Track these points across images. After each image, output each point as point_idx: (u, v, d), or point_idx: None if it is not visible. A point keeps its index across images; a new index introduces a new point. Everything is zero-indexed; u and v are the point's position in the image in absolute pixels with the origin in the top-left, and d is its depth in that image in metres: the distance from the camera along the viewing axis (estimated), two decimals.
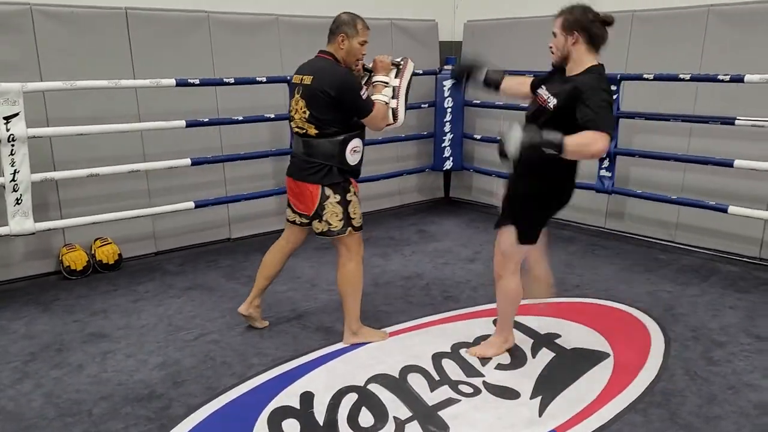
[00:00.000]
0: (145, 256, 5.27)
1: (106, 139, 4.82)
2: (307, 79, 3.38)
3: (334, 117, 3.35)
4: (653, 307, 4.14)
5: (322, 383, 3.23)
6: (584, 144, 2.76)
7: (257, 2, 5.60)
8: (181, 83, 4.84)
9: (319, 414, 2.97)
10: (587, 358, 3.46)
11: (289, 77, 4.26)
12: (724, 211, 4.75)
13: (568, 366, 3.39)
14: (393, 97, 3.50)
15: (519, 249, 3.25)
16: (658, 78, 5.00)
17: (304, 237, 3.78)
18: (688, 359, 3.46)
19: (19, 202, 4.30)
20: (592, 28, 2.95)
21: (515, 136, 2.76)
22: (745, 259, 5.05)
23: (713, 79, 4.69)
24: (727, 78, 4.58)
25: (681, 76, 4.86)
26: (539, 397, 3.08)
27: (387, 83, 3.50)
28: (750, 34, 4.84)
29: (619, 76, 5.21)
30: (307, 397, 3.10)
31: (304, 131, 3.42)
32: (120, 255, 4.98)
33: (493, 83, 3.48)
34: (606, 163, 5.40)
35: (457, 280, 4.66)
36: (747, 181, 4.93)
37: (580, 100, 2.83)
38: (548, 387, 3.17)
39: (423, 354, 3.51)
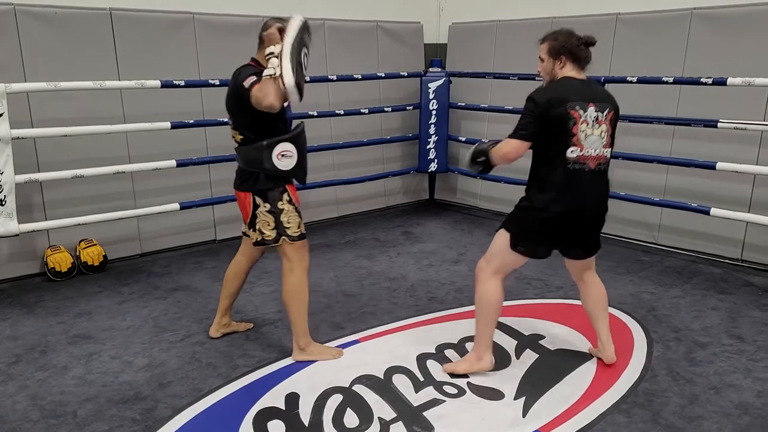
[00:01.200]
0: (131, 257, 5.25)
1: (91, 140, 4.81)
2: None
3: (249, 120, 3.20)
4: (636, 309, 4.18)
5: (307, 384, 3.24)
6: (497, 149, 3.07)
7: (242, 3, 5.60)
8: (166, 85, 4.83)
9: (305, 415, 2.97)
10: (571, 359, 3.49)
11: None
12: (707, 213, 4.80)
13: (552, 367, 3.42)
14: (279, 65, 3.06)
15: (506, 253, 3.17)
16: (641, 80, 5.05)
17: (261, 250, 3.63)
18: (671, 360, 3.49)
19: (3, 203, 4.27)
20: (577, 51, 3.06)
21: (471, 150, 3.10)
22: (726, 261, 5.11)
23: (696, 82, 4.74)
24: (710, 81, 4.63)
25: (664, 78, 4.91)
26: (523, 398, 3.10)
27: (272, 53, 3.09)
28: (732, 38, 4.90)
29: (602, 78, 5.25)
30: (292, 398, 3.11)
31: (234, 139, 3.33)
32: (105, 256, 4.96)
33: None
34: None
35: (442, 282, 4.68)
36: (729, 183, 4.99)
37: None
38: (532, 388, 3.19)
39: (408, 355, 3.53)
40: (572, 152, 2.96)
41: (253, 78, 3.09)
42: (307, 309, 3.47)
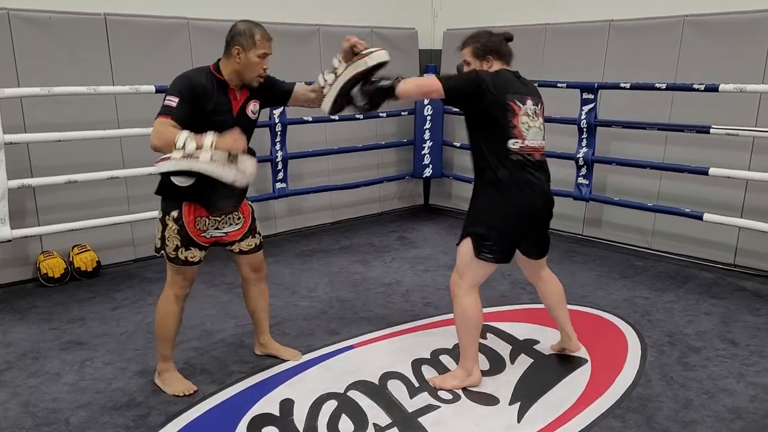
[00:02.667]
0: (124, 263, 5.23)
1: (85, 145, 4.79)
2: None
3: None
4: (630, 313, 4.19)
5: (302, 390, 3.23)
6: (411, 79, 3.08)
7: (237, 9, 5.57)
8: (161, 90, 4.81)
9: (299, 421, 2.97)
10: (565, 364, 3.49)
11: None
12: (700, 218, 4.81)
13: (547, 372, 3.42)
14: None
15: (474, 264, 3.11)
16: (634, 87, 5.07)
17: (257, 260, 3.44)
18: (665, 364, 3.50)
19: None
20: (501, 48, 3.09)
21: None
22: (719, 266, 5.12)
23: (689, 88, 4.76)
24: (702, 87, 4.65)
25: (657, 85, 4.93)
26: (518, 403, 3.10)
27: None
28: (724, 45, 4.93)
29: (596, 84, 5.28)
30: (287, 405, 3.10)
31: None
32: (98, 262, 4.94)
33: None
34: (583, 171, 5.45)
35: (437, 287, 4.68)
36: (722, 188, 5.01)
37: None
38: (527, 393, 3.19)
39: (403, 360, 3.52)
40: (515, 144, 2.96)
41: (171, 102, 2.82)
42: (171, 338, 3.24)
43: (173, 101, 2.84)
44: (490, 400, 3.14)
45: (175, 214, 3.02)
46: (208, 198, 2.91)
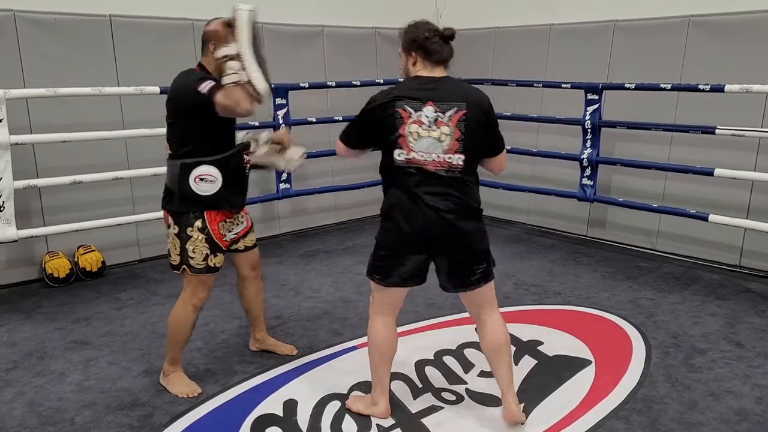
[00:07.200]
0: (129, 263, 5.25)
1: (90, 146, 4.81)
2: None
3: (182, 132, 2.99)
4: (634, 315, 4.18)
5: (305, 391, 3.23)
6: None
7: None
8: (166, 91, 4.79)
9: (303, 422, 2.97)
10: (569, 366, 3.48)
11: (272, 86, 4.26)
12: (705, 219, 4.80)
13: (551, 373, 3.41)
14: (242, 69, 2.80)
15: (373, 287, 2.85)
16: (639, 87, 5.06)
17: (253, 259, 3.45)
18: (670, 366, 3.49)
19: (2, 209, 4.27)
20: (427, 45, 2.69)
21: None
22: (725, 267, 5.11)
23: (694, 89, 4.74)
24: (708, 88, 4.63)
25: (662, 85, 4.91)
26: (522, 405, 3.09)
27: (227, 56, 2.82)
28: (730, 45, 4.92)
29: (600, 85, 5.26)
30: (290, 405, 3.10)
31: (164, 152, 3.13)
32: (103, 262, 4.96)
33: None
34: (588, 172, 5.44)
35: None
36: (727, 189, 4.99)
37: None
38: (531, 394, 3.18)
39: (406, 361, 3.51)
40: (400, 155, 2.62)
41: (210, 83, 2.83)
42: (184, 343, 3.26)
43: (209, 83, 2.87)
44: (494, 401, 3.13)
45: (199, 224, 3.04)
46: (232, 198, 3.08)
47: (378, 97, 2.71)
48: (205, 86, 2.82)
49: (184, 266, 3.09)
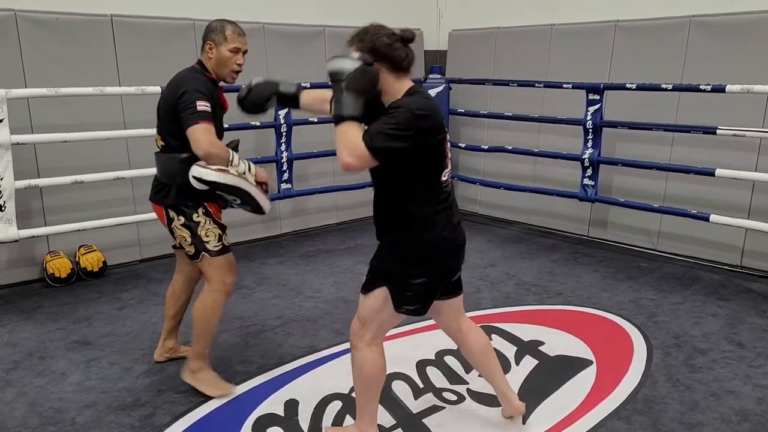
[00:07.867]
0: (130, 263, 5.25)
1: (91, 146, 4.81)
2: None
3: (176, 128, 2.93)
4: (636, 315, 4.18)
5: (306, 391, 3.23)
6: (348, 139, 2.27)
7: (242, 10, 5.61)
8: None
9: (304, 422, 2.97)
10: (570, 366, 3.48)
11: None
12: (706, 219, 4.80)
13: (552, 373, 3.41)
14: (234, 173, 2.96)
15: (385, 317, 2.61)
16: (640, 87, 5.06)
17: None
18: (671, 366, 3.49)
19: (3, 209, 4.27)
20: (391, 52, 2.40)
21: None
22: (726, 267, 5.10)
23: (695, 89, 4.74)
24: (709, 88, 4.63)
25: (663, 85, 4.91)
26: (523, 405, 3.09)
27: (238, 170, 2.98)
28: (731, 45, 4.91)
29: (602, 85, 5.26)
30: (291, 405, 3.11)
31: (156, 143, 3.10)
32: (104, 262, 4.96)
33: (290, 100, 2.88)
34: (589, 172, 5.44)
35: None
36: (728, 189, 4.99)
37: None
38: (532, 394, 3.18)
39: (407, 361, 3.52)
40: (445, 174, 2.52)
41: (206, 107, 2.86)
42: (213, 334, 3.20)
43: (206, 106, 2.89)
44: (494, 401, 3.12)
45: (201, 210, 3.06)
46: (215, 197, 3.06)
47: (434, 115, 2.37)
48: (201, 105, 2.87)
49: (203, 252, 3.07)
